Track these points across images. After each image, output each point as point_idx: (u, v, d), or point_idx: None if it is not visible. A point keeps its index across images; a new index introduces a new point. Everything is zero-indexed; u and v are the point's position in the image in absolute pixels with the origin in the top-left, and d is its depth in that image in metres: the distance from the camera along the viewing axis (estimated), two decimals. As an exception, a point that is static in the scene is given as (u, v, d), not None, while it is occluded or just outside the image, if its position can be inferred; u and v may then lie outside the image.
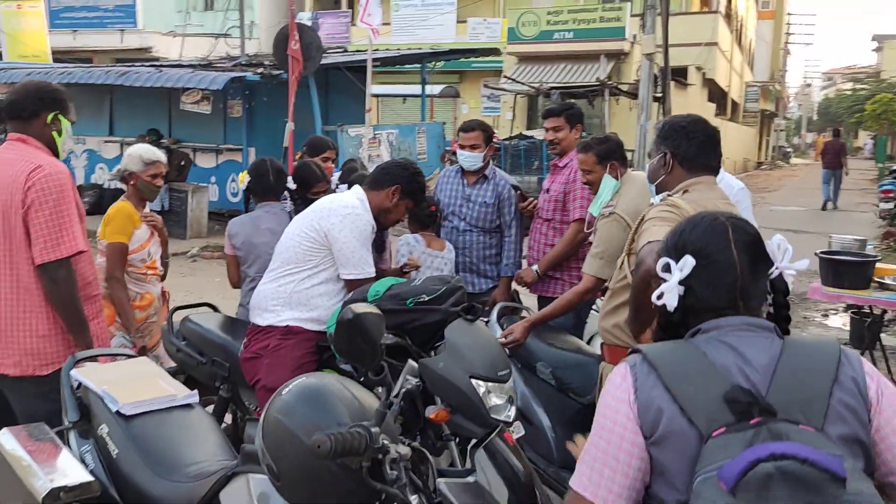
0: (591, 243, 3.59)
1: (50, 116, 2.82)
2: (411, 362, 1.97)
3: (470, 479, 1.62)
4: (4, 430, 2.36)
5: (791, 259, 1.41)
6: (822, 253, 4.97)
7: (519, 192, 4.23)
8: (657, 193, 2.61)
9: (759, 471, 1.09)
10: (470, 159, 4.14)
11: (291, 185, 3.73)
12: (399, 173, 3.00)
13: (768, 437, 1.16)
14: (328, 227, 2.85)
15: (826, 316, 7.77)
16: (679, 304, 1.37)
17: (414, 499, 1.61)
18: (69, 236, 2.64)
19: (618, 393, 1.31)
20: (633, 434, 1.27)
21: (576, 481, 1.32)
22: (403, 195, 2.98)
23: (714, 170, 2.58)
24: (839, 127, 27.50)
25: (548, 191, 4.19)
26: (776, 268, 1.42)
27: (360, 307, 1.63)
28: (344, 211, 2.88)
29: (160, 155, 3.75)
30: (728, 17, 28.92)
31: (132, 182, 3.64)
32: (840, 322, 7.32)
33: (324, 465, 1.49)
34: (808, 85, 75.51)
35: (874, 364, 5.04)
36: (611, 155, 3.52)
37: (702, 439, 1.21)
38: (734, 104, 34.11)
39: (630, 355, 1.37)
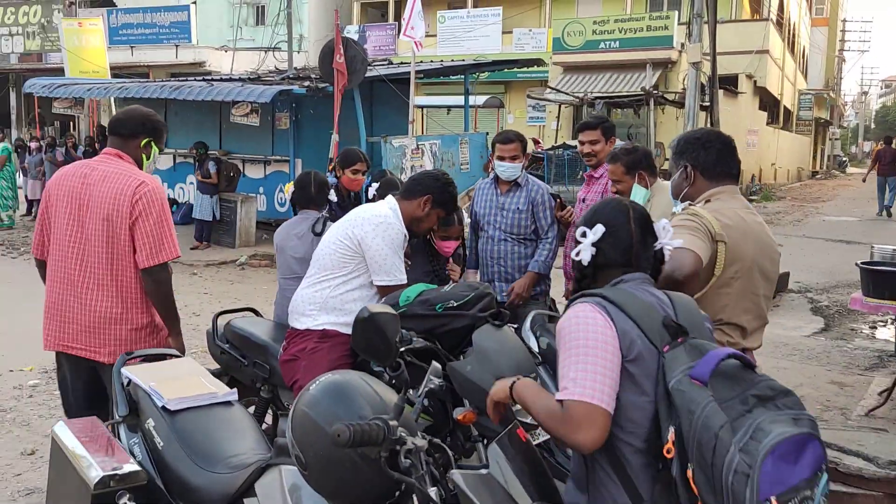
0: None
1: (144, 141, 3.20)
2: (435, 363, 2.07)
3: (483, 471, 1.71)
4: (61, 423, 2.54)
5: (670, 237, 1.94)
6: (862, 263, 4.91)
7: (559, 200, 4.28)
8: (682, 204, 2.64)
9: (723, 367, 1.61)
10: (511, 170, 4.23)
11: (333, 197, 3.89)
12: (431, 184, 3.10)
13: (696, 349, 1.66)
14: (362, 235, 2.97)
15: (874, 328, 7.61)
16: (591, 263, 1.84)
17: (432, 490, 1.71)
18: (169, 243, 3.05)
19: (601, 325, 1.69)
20: (619, 356, 1.68)
21: (585, 394, 1.63)
22: (435, 205, 3.07)
23: (734, 177, 2.62)
24: (890, 136, 26.77)
25: (583, 200, 4.25)
26: (659, 243, 1.92)
27: (376, 307, 1.74)
28: (377, 220, 3.00)
29: None
30: (780, 24, 28.42)
31: None
32: (888, 335, 7.17)
33: (346, 455, 1.60)
34: (865, 93, 73.37)
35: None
36: (638, 164, 3.59)
37: (659, 355, 1.68)
38: (787, 112, 33.44)
39: (583, 300, 1.76)
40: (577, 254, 1.85)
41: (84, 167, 3.12)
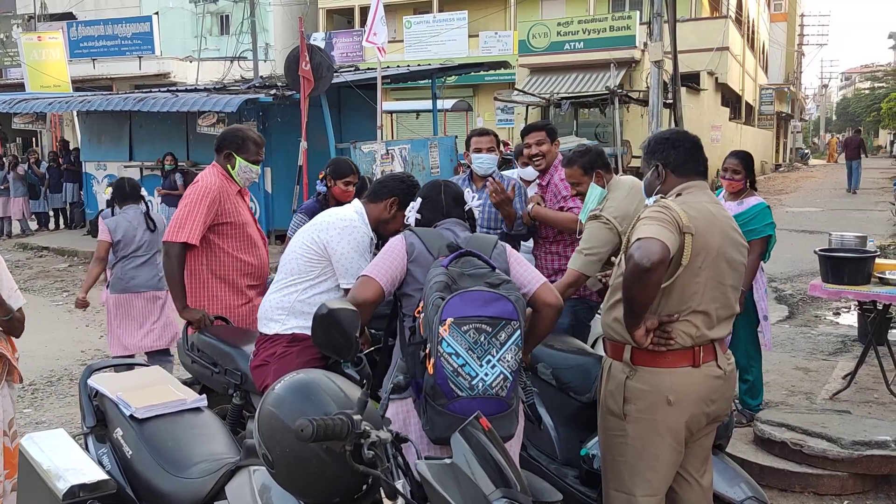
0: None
1: (226, 153, 3.93)
2: (400, 360, 2.10)
3: (447, 460, 1.74)
4: (28, 436, 2.53)
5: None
6: (820, 250, 5.03)
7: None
8: None
9: (463, 260, 2.42)
10: (487, 161, 4.29)
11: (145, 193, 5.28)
12: (396, 186, 3.12)
13: (461, 257, 2.45)
14: (327, 240, 2.99)
15: (837, 314, 7.79)
16: (417, 222, 2.78)
17: (399, 482, 1.74)
18: (185, 229, 3.71)
19: (397, 245, 2.60)
20: (404, 257, 2.56)
21: (369, 271, 2.57)
22: (400, 206, 3.09)
23: (703, 174, 2.72)
24: (859, 127, 29.33)
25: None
26: (468, 206, 2.87)
27: (334, 303, 1.77)
28: (342, 224, 3.01)
29: None
30: (738, 21, 28.89)
31: None
32: (851, 320, 7.34)
33: (311, 451, 1.62)
34: (826, 86, 74.85)
35: (880, 360, 5.08)
36: (594, 164, 3.68)
37: (433, 260, 2.50)
38: (749, 107, 33.98)
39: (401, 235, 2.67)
40: (407, 219, 2.84)
41: None
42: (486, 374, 2.21)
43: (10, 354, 3.05)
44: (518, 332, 2.28)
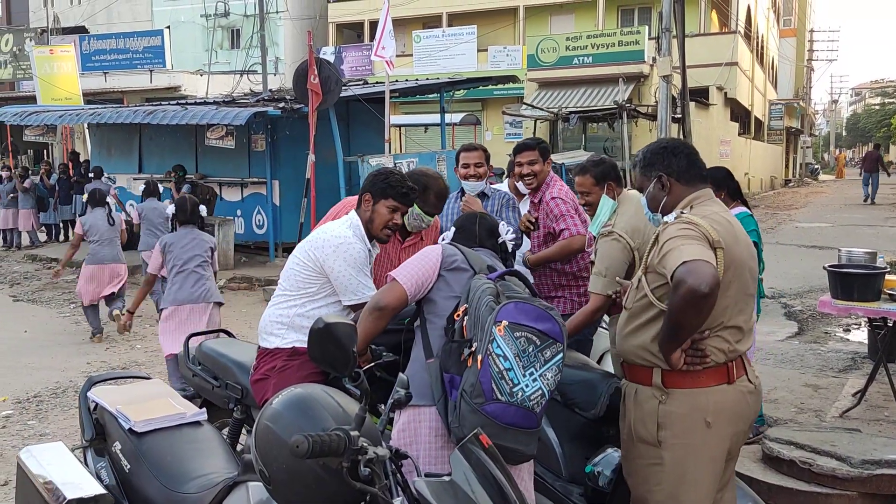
0: (592, 262, 3.67)
1: (367, 196, 3.13)
2: (401, 375, 2.08)
3: (446, 478, 1.71)
4: (26, 449, 2.51)
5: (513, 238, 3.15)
6: (830, 266, 4.98)
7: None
8: (664, 215, 2.60)
9: (506, 279, 2.55)
10: (478, 186, 4.27)
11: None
12: (367, 182, 3.09)
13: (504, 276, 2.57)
14: (323, 258, 2.96)
15: (847, 331, 7.71)
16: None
17: (397, 500, 1.71)
18: None
19: (433, 255, 2.66)
20: (437, 266, 2.62)
21: (399, 276, 2.61)
22: (375, 197, 3.04)
23: (706, 179, 2.65)
24: (878, 143, 31.32)
25: (532, 227, 4.26)
26: (501, 238, 2.96)
27: (331, 317, 1.75)
28: (335, 242, 2.98)
29: None
30: (748, 36, 28.90)
31: None
32: (861, 337, 7.26)
33: (308, 467, 1.60)
34: (835, 101, 74.66)
35: (890, 377, 5.01)
36: (607, 175, 3.61)
37: (473, 275, 2.59)
38: (758, 123, 33.92)
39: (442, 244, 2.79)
40: (443, 238, 2.98)
41: None
42: (527, 386, 2.24)
43: None
44: (561, 354, 2.30)
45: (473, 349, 2.30)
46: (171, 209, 5.82)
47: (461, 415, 2.28)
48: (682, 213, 2.50)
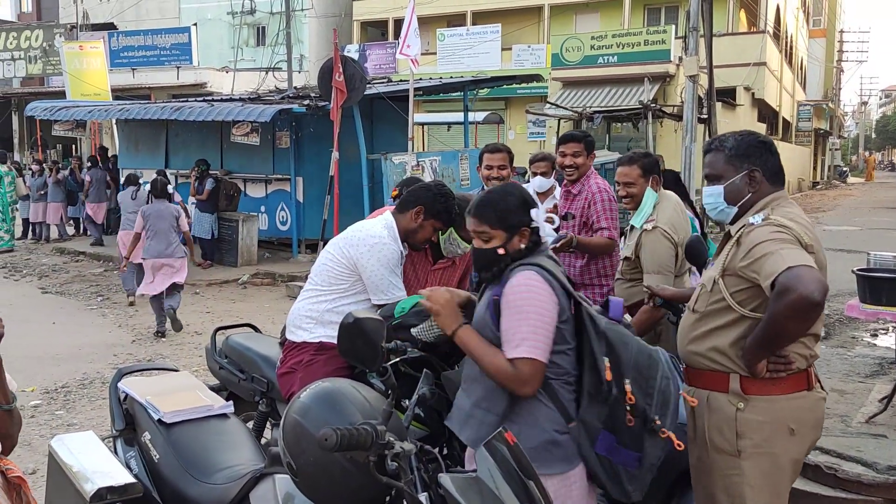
0: (627, 258, 3.67)
1: (419, 209, 3.08)
2: (427, 372, 2.09)
3: (471, 473, 1.72)
4: (58, 437, 2.57)
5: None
6: (858, 270, 4.92)
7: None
8: (739, 211, 2.46)
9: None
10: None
11: None
12: (423, 195, 3.10)
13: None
14: (357, 257, 2.99)
15: (875, 336, 7.60)
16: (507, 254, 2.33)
17: (423, 495, 1.72)
18: None
19: (548, 294, 2.16)
20: (556, 320, 2.15)
21: (534, 353, 2.10)
22: (427, 215, 3.07)
23: (784, 182, 2.57)
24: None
25: (566, 217, 4.25)
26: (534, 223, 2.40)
27: (361, 312, 1.77)
28: (371, 241, 3.00)
29: None
30: (776, 36, 28.55)
31: None
32: (889, 342, 7.15)
33: (335, 460, 1.62)
34: (865, 103, 73.48)
35: (919, 383, 4.93)
36: (653, 169, 3.64)
37: (575, 309, 2.24)
38: (786, 124, 33.53)
39: (525, 268, 2.19)
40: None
41: None
42: None
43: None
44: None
45: (658, 420, 2.15)
46: (181, 212, 7.94)
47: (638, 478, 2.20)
48: (769, 215, 2.36)
